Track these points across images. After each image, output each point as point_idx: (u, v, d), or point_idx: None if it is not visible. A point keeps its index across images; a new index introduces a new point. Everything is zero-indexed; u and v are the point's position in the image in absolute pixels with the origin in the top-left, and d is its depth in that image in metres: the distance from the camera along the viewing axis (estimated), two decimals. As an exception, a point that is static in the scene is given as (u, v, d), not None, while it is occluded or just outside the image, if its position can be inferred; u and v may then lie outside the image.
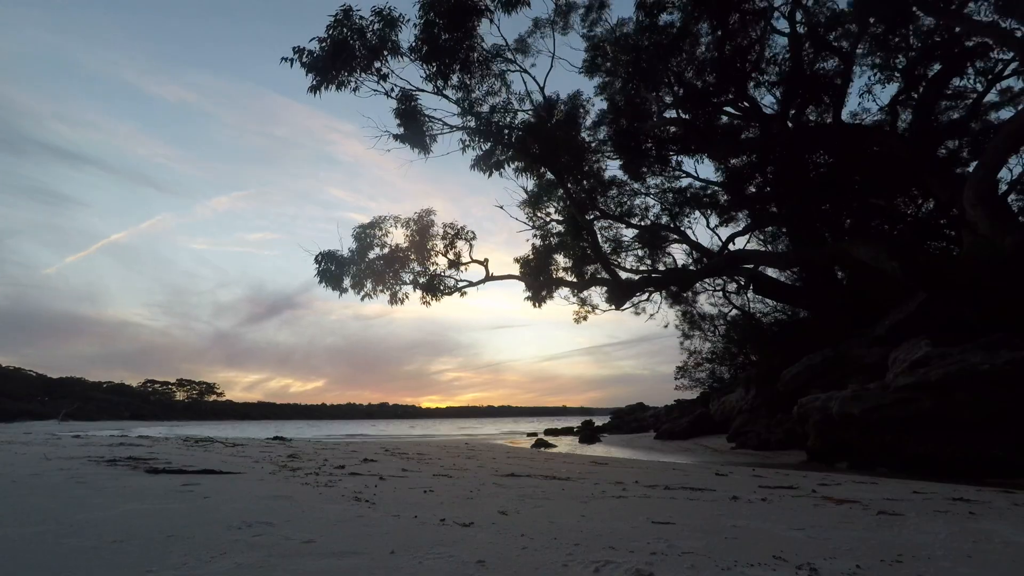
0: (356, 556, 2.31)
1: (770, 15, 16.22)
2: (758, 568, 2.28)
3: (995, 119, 16.37)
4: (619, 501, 4.31)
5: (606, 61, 18.07)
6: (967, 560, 2.53)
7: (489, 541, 2.66)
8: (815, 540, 2.87)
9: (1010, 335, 8.61)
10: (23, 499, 3.50)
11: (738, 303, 23.13)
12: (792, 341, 17.07)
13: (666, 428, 20.28)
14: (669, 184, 20.60)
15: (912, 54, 15.65)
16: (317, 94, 13.33)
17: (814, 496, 4.88)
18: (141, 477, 4.84)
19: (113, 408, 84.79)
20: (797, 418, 11.27)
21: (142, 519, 2.94)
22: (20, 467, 5.29)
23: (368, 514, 3.32)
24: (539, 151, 15.69)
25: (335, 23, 12.93)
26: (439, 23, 13.55)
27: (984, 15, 13.37)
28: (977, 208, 11.48)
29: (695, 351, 24.63)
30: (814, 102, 17.31)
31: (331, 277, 16.87)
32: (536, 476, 6.32)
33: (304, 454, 8.81)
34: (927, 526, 3.37)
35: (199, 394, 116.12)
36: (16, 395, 73.62)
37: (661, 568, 2.24)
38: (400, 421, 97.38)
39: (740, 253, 19.14)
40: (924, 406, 8.68)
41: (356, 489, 4.47)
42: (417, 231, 17.91)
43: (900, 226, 17.73)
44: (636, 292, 19.88)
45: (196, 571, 2.06)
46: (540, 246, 19.69)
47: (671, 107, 17.68)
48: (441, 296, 18.24)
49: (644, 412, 33.56)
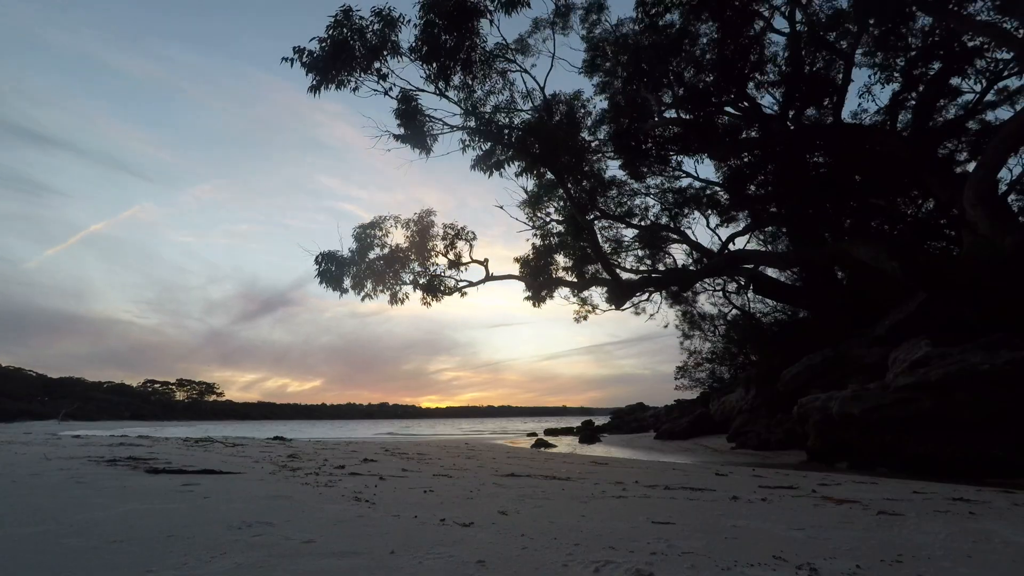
0: (356, 556, 2.31)
1: (770, 15, 16.24)
2: (758, 568, 2.28)
3: (995, 119, 16.38)
4: (619, 501, 4.31)
5: (606, 61, 18.08)
6: (967, 560, 2.53)
7: (489, 541, 2.66)
8: (815, 540, 2.87)
9: (1010, 335, 8.61)
10: (23, 499, 3.50)
11: (738, 303, 23.16)
12: (792, 341, 17.07)
13: (666, 428, 20.28)
14: (669, 184, 20.63)
15: (912, 54, 15.64)
16: (317, 94, 13.35)
17: (814, 496, 4.88)
18: (141, 477, 4.84)
19: (113, 408, 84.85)
20: (797, 418, 11.26)
21: (142, 519, 2.94)
22: (20, 467, 5.29)
23: (368, 514, 3.32)
24: (539, 151, 15.69)
25: (335, 23, 12.95)
26: (439, 23, 13.56)
27: (984, 15, 13.37)
28: (977, 208, 11.48)
29: (695, 351, 24.67)
30: (814, 102, 17.30)
31: (331, 278, 16.89)
32: (536, 476, 6.32)
33: (304, 454, 8.81)
34: (927, 526, 3.37)
35: (199, 394, 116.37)
36: (16, 395, 73.67)
37: (661, 568, 2.24)
38: (400, 421, 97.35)
39: (740, 253, 19.14)
40: (924, 406, 8.67)
41: (356, 489, 4.47)
42: (417, 231, 17.94)
43: (900, 226, 17.73)
44: (636, 292, 19.89)
45: (196, 571, 2.06)
46: (540, 246, 19.71)
47: (671, 107, 17.67)
48: (441, 296, 18.27)
49: (644, 412, 33.57)
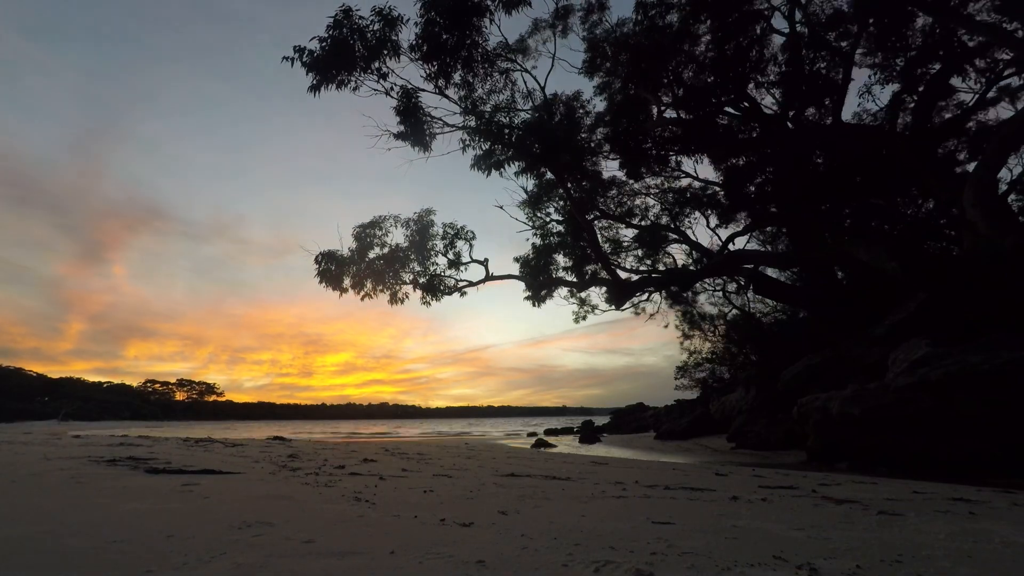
0: (356, 556, 2.31)
1: (770, 15, 16.24)
2: (758, 568, 2.28)
3: (995, 119, 16.38)
4: (619, 501, 4.31)
5: (606, 61, 18.06)
6: (967, 560, 2.53)
7: (489, 541, 2.65)
8: (815, 540, 2.87)
9: (1010, 335, 8.61)
10: (23, 499, 3.50)
11: (738, 303, 23.14)
12: (792, 341, 17.07)
13: (666, 428, 20.28)
14: (669, 184, 20.60)
15: (912, 54, 15.63)
16: (317, 93, 13.35)
17: (814, 496, 4.88)
18: (141, 477, 4.84)
19: (113, 408, 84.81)
20: (797, 418, 11.26)
21: (142, 519, 2.94)
22: (20, 467, 5.29)
23: (368, 514, 3.32)
24: (539, 151, 15.69)
25: (335, 23, 12.95)
26: (440, 22, 13.56)
27: (984, 15, 13.37)
28: (977, 208, 11.48)
29: (695, 351, 24.66)
30: (814, 102, 17.29)
31: (331, 277, 16.91)
32: (536, 476, 6.31)
33: (304, 454, 8.81)
34: (927, 526, 3.37)
35: (199, 394, 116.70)
36: (16, 395, 73.61)
37: (661, 568, 2.24)
38: (400, 421, 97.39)
39: (740, 253, 19.14)
40: (924, 406, 8.67)
41: (356, 489, 4.47)
42: (417, 231, 17.95)
43: (900, 226, 17.72)
44: (636, 292, 19.89)
45: (196, 571, 2.06)
46: (540, 246, 19.71)
47: (671, 107, 17.67)
48: (441, 296, 18.28)
49: (644, 412, 33.57)
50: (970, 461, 8.00)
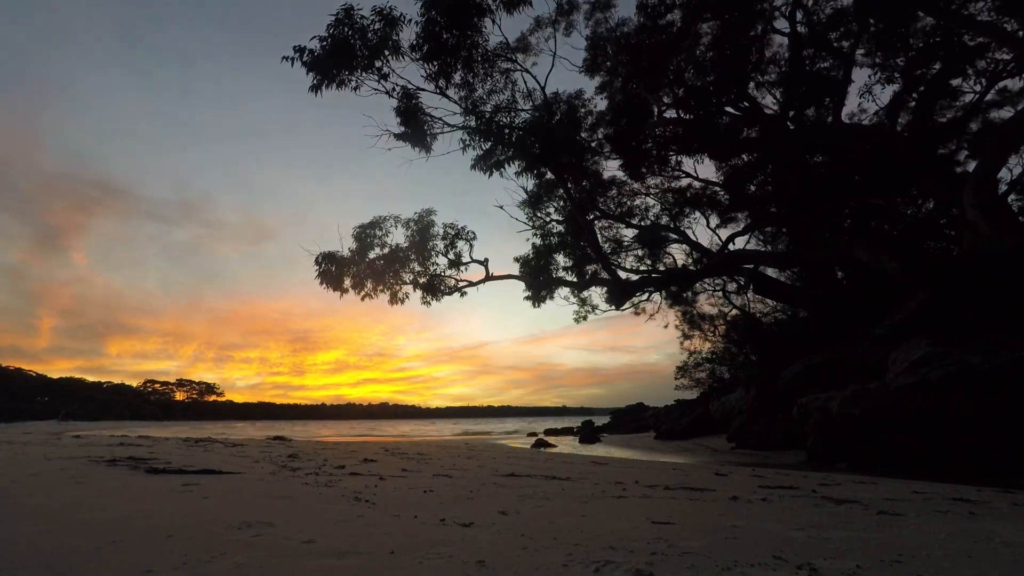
0: (356, 556, 2.31)
1: (771, 15, 16.23)
2: (758, 568, 2.28)
3: (995, 119, 16.36)
4: (619, 501, 4.31)
5: (607, 61, 18.07)
6: (967, 560, 2.53)
7: (489, 541, 2.66)
8: (815, 540, 2.87)
9: (1010, 335, 8.60)
10: (23, 499, 3.50)
11: (738, 303, 23.14)
12: (792, 341, 17.06)
13: (666, 428, 20.27)
14: (669, 184, 20.60)
15: (912, 54, 15.62)
16: (318, 93, 13.36)
17: (814, 496, 4.88)
18: (141, 477, 4.84)
19: (113, 408, 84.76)
20: (797, 418, 11.25)
21: (142, 519, 2.94)
22: (20, 467, 5.30)
23: (368, 514, 3.32)
24: (539, 151, 15.69)
25: (336, 22, 12.96)
26: (441, 22, 13.56)
27: (984, 15, 13.36)
28: (977, 208, 11.47)
29: (695, 351, 24.67)
30: (814, 102, 17.29)
31: (332, 278, 16.91)
32: (536, 476, 6.31)
33: (304, 454, 8.81)
34: (927, 526, 3.37)
35: (199, 394, 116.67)
36: (16, 395, 73.62)
37: (661, 568, 2.24)
38: (400, 421, 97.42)
39: (740, 253, 19.13)
40: (924, 406, 8.67)
41: (356, 489, 4.47)
42: (417, 231, 17.96)
43: (900, 226, 17.72)
44: (636, 292, 19.90)
45: (196, 571, 2.06)
46: (540, 246, 19.72)
47: (671, 107, 17.67)
48: (441, 296, 18.29)
49: (644, 412, 33.57)
50: (970, 461, 8.00)
